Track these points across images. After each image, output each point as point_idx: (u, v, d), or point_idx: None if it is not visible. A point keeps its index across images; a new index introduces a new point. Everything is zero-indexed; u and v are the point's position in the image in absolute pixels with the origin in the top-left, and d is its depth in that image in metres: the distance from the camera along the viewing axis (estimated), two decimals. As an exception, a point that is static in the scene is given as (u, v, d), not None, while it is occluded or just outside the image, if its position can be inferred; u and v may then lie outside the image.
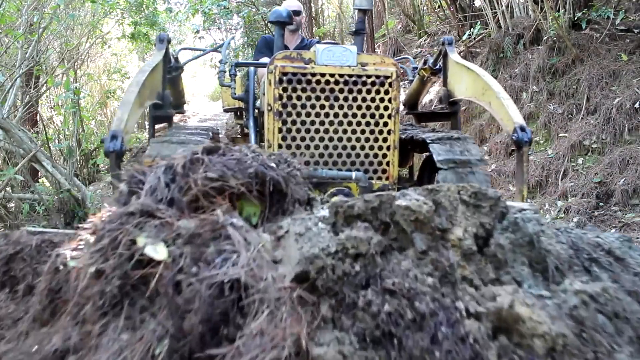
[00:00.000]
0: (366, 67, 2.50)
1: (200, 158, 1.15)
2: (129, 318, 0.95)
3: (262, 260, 0.98)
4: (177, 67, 3.31)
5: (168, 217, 1.05)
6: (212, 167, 1.12)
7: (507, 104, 2.43)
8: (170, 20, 11.41)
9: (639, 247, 1.25)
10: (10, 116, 5.76)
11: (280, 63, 2.45)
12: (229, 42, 3.68)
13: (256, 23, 10.30)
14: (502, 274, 1.08)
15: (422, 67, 3.35)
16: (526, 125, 2.35)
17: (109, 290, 0.95)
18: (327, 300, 0.97)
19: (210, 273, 0.92)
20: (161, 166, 1.16)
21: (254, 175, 1.14)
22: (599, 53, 5.89)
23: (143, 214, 1.05)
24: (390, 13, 11.12)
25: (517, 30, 6.84)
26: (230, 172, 1.12)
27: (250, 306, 0.90)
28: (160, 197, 1.11)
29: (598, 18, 6.14)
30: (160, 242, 0.98)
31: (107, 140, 2.09)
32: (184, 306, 0.91)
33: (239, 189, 1.12)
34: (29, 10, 5.87)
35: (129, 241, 0.98)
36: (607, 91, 5.49)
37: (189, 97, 17.15)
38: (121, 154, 2.08)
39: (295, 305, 0.92)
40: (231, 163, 1.15)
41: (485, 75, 2.65)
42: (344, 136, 2.51)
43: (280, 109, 2.45)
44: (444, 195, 1.11)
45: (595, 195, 4.75)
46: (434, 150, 2.51)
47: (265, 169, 1.16)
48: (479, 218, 1.13)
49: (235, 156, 1.18)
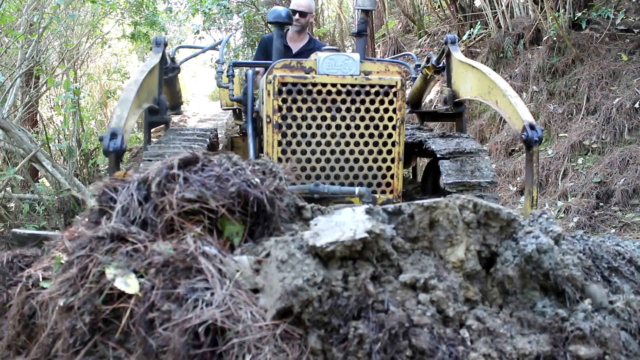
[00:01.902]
0: (369, 76, 2.41)
1: (177, 174, 1.04)
2: (102, 358, 0.88)
3: (239, 295, 0.90)
4: (173, 67, 3.27)
5: (140, 241, 0.97)
6: (189, 186, 1.02)
7: (514, 101, 2.34)
8: (170, 20, 11.41)
9: None
10: (10, 116, 5.76)
11: (279, 73, 2.35)
12: (227, 40, 3.62)
13: (256, 23, 10.29)
14: (510, 299, 0.98)
15: (425, 65, 3.29)
16: (536, 123, 2.24)
17: (80, 326, 0.88)
18: (315, 331, 0.89)
19: (183, 317, 0.84)
20: (134, 181, 1.06)
21: (235, 195, 1.04)
22: (599, 53, 5.89)
23: (114, 239, 0.97)
24: (390, 13, 11.11)
25: (517, 30, 6.83)
26: (209, 193, 1.02)
27: (229, 353, 0.82)
28: (133, 218, 1.02)
29: (598, 18, 6.13)
30: (130, 274, 0.91)
31: (106, 139, 1.98)
32: (158, 348, 0.84)
33: (219, 211, 1.02)
34: (29, 10, 5.87)
35: (98, 272, 0.91)
36: (607, 91, 5.49)
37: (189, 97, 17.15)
38: (121, 153, 1.98)
39: (279, 343, 0.85)
40: (210, 181, 1.04)
41: (491, 74, 2.58)
42: (347, 149, 2.42)
43: (279, 121, 2.36)
44: (442, 213, 0.99)
45: (595, 195, 4.74)
46: (443, 169, 2.44)
47: (248, 187, 1.05)
48: (485, 237, 1.03)
49: (214, 172, 1.06)
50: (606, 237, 1.40)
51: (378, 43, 10.00)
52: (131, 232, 0.98)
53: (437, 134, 2.85)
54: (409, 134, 3.01)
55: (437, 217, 1.00)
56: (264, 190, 1.07)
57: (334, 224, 1.01)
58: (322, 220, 1.05)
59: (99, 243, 0.96)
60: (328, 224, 1.02)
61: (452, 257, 0.98)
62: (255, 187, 1.07)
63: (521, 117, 2.26)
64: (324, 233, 0.99)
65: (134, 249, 0.95)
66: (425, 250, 0.99)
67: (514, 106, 2.32)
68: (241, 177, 1.07)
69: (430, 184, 3.32)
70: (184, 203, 1.00)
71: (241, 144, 3.63)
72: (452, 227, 0.99)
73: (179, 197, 1.00)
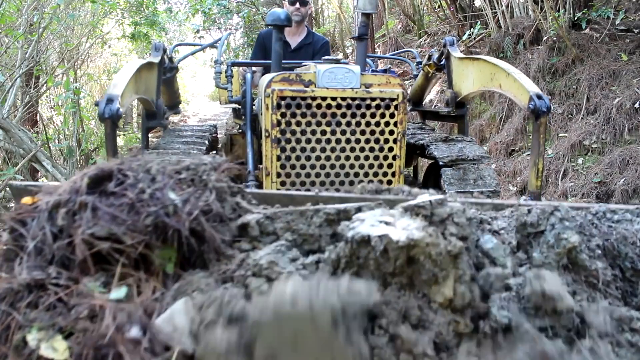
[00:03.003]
0: (370, 88, 2.34)
1: (84, 202, 0.87)
2: None
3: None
4: (172, 67, 3.26)
5: (64, 287, 0.82)
6: (97, 220, 0.86)
7: (518, 77, 2.27)
8: (170, 20, 11.42)
9: None
10: (10, 116, 5.76)
11: (277, 87, 2.28)
12: (225, 39, 3.58)
13: (256, 23, 10.30)
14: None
15: (426, 62, 3.28)
16: (542, 94, 2.17)
17: None
18: None
19: None
20: (44, 211, 0.89)
21: (152, 228, 0.87)
22: (599, 53, 5.89)
23: (32, 289, 0.82)
24: (390, 13, 11.11)
25: (517, 30, 6.83)
26: (121, 229, 0.85)
27: None
28: (51, 256, 0.86)
29: (598, 18, 6.13)
30: (57, 335, 0.78)
31: (102, 103, 1.87)
32: None
33: (135, 248, 0.86)
34: (29, 10, 5.87)
35: (21, 336, 0.77)
36: (607, 91, 5.49)
37: (189, 97, 17.15)
38: (117, 118, 1.89)
39: None
40: (122, 212, 0.87)
41: (492, 59, 2.54)
42: (347, 163, 2.37)
43: (278, 136, 2.30)
44: (422, 252, 0.81)
45: (595, 195, 4.74)
46: (445, 177, 2.42)
47: (167, 216, 0.88)
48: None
49: (127, 198, 0.88)
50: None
51: (378, 43, 10.00)
52: (50, 276, 0.84)
53: (439, 137, 2.82)
54: (410, 133, 2.99)
55: (417, 256, 0.83)
56: (183, 220, 0.88)
57: None
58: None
59: (17, 296, 0.81)
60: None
61: (438, 297, 0.84)
62: (175, 213, 0.88)
63: (527, 89, 2.19)
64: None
65: (57, 299, 0.81)
66: (404, 287, 0.85)
67: (519, 81, 2.25)
68: (159, 201, 0.89)
69: (431, 185, 3.31)
70: (93, 241, 0.84)
71: (241, 141, 3.61)
72: (435, 266, 0.83)
73: (87, 234, 0.84)
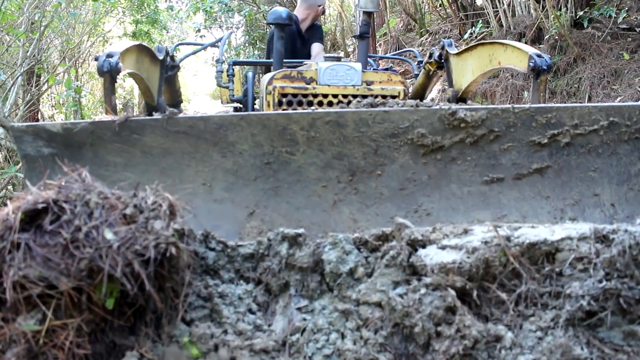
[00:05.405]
0: (371, 86, 2.35)
1: (17, 242, 0.81)
2: None
3: None
4: (173, 65, 3.27)
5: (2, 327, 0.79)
6: (30, 261, 0.80)
7: (515, 45, 2.22)
8: (171, 18, 11.41)
9: None
10: (12, 114, 5.76)
11: (279, 84, 2.28)
12: (227, 38, 3.57)
13: (257, 22, 10.29)
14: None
15: (427, 60, 3.29)
16: (542, 53, 2.12)
17: None
18: None
19: None
20: None
21: (86, 273, 0.80)
22: (600, 52, 5.87)
23: None
24: (392, 12, 11.10)
25: (519, 29, 6.82)
26: (53, 273, 0.79)
27: None
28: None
29: (600, 17, 6.12)
30: None
31: (101, 58, 1.85)
32: None
33: (69, 294, 0.81)
34: (30, 9, 5.87)
35: None
36: (609, 90, 5.48)
37: (190, 95, 17.16)
38: (116, 73, 1.87)
39: None
40: (56, 254, 0.81)
41: (488, 41, 2.53)
42: None
43: None
44: None
45: (597, 194, 4.73)
46: None
47: (101, 259, 0.80)
48: None
49: (62, 238, 0.81)
50: None
51: (379, 42, 9.99)
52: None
53: None
54: None
55: None
56: (119, 263, 0.81)
57: None
58: None
59: None
60: None
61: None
62: (114, 257, 0.82)
63: (526, 51, 2.13)
64: None
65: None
66: None
67: (518, 48, 2.19)
68: (94, 242, 0.82)
69: None
70: (25, 283, 0.80)
71: None
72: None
73: (19, 276, 0.80)
